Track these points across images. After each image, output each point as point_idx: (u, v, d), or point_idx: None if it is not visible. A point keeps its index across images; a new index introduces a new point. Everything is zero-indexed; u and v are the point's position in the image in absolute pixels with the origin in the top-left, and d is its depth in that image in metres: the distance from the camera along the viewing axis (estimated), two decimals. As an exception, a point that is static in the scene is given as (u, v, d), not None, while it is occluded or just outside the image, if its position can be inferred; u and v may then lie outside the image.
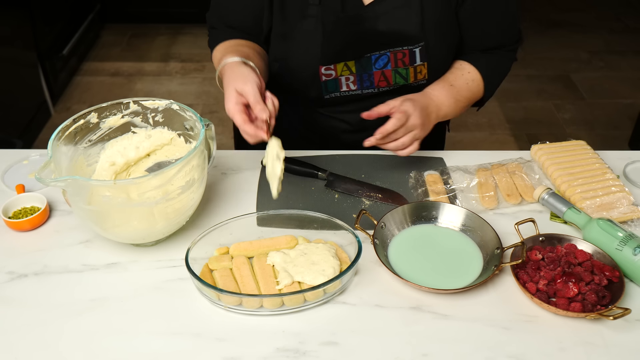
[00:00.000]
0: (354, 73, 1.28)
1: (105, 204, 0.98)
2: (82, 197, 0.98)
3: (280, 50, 1.29)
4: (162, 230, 1.06)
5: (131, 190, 0.99)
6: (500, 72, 1.38)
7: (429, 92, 1.27)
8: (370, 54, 1.26)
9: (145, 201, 0.98)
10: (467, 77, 1.32)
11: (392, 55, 1.26)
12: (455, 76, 1.32)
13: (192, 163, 1.01)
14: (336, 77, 1.28)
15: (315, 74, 1.27)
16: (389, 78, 1.29)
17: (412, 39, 1.24)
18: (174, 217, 1.04)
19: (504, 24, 1.32)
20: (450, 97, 1.28)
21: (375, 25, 1.23)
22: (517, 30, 1.35)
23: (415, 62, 1.27)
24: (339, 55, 1.25)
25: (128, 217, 1.00)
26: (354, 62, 1.26)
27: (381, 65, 1.27)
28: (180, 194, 1.01)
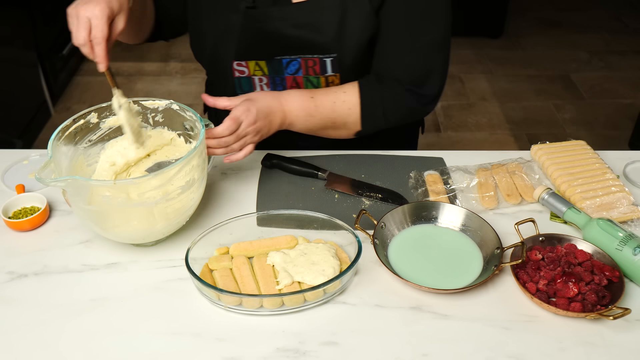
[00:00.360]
0: (267, 75, 1.26)
1: (105, 204, 0.98)
2: (82, 197, 0.98)
3: (200, 39, 1.27)
4: (162, 230, 1.06)
5: (131, 191, 0.98)
6: (391, 110, 1.25)
7: (284, 95, 1.21)
8: (280, 56, 1.23)
9: (145, 201, 0.98)
10: (339, 97, 1.23)
11: (303, 62, 1.23)
12: (326, 91, 1.24)
13: (192, 163, 1.01)
14: (249, 75, 1.26)
15: (229, 69, 1.26)
16: (300, 85, 1.26)
17: (322, 49, 1.20)
18: (174, 217, 1.04)
19: (408, 53, 1.21)
20: (304, 109, 1.21)
21: (282, 28, 1.19)
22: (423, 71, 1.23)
23: (327, 72, 1.23)
24: (249, 52, 1.23)
25: (128, 217, 1.00)
26: (265, 63, 1.24)
27: (293, 71, 1.24)
28: (180, 194, 1.01)
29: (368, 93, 1.24)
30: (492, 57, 3.80)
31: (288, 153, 1.32)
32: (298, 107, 1.21)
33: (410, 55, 1.21)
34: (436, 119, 3.20)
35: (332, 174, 1.26)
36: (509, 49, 3.90)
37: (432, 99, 1.27)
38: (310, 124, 1.24)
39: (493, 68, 3.68)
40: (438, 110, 3.26)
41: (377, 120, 1.26)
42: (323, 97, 1.23)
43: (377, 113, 1.25)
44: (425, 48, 1.21)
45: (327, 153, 1.34)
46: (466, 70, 3.65)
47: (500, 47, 3.92)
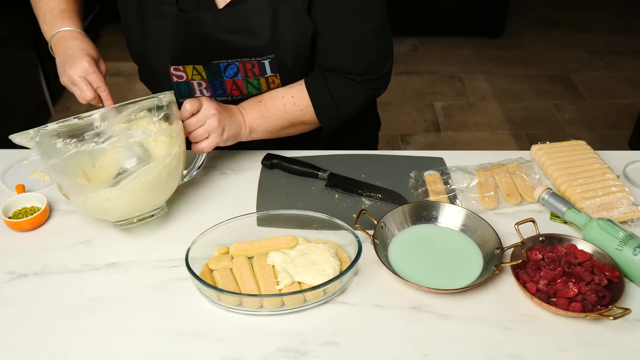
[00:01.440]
0: (205, 79, 1.25)
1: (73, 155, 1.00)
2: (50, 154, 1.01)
3: (137, 47, 1.27)
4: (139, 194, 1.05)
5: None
6: (344, 101, 1.26)
7: (238, 105, 1.25)
8: (217, 61, 1.22)
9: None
10: (288, 100, 1.24)
11: (241, 65, 1.22)
12: (273, 95, 1.25)
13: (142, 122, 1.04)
14: (187, 80, 1.26)
15: (167, 74, 1.26)
16: (241, 87, 1.26)
17: (259, 51, 1.19)
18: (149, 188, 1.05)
19: (351, 45, 1.21)
20: (257, 111, 1.24)
21: (216, 33, 1.18)
22: (370, 58, 1.23)
23: (266, 74, 1.23)
24: (185, 57, 1.22)
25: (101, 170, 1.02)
26: (203, 67, 1.23)
27: (231, 74, 1.24)
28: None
29: (316, 91, 1.25)
30: (492, 57, 3.80)
31: (288, 153, 1.32)
32: (252, 110, 1.24)
33: (355, 47, 1.21)
34: (436, 119, 3.20)
35: (332, 174, 1.26)
36: (509, 49, 3.90)
37: (384, 82, 1.29)
38: (269, 126, 1.25)
39: (493, 68, 3.68)
40: (438, 110, 3.27)
41: (331, 114, 1.27)
42: (271, 101, 1.25)
43: (330, 107, 1.26)
44: (369, 37, 1.21)
45: (327, 153, 1.34)
46: (466, 70, 3.65)
47: (500, 47, 3.92)
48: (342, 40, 1.21)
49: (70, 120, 0.99)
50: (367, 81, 1.26)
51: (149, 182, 1.04)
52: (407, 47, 3.92)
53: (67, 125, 0.99)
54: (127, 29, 1.26)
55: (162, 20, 1.19)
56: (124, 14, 1.25)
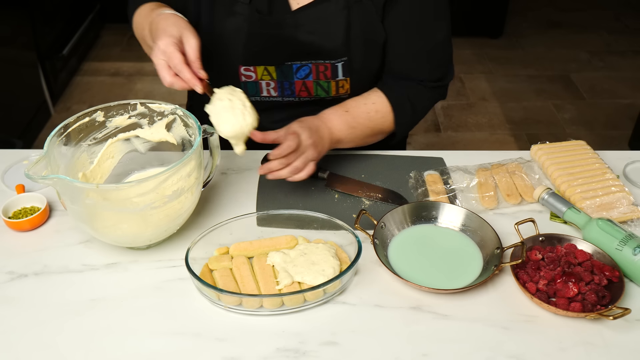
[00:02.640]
0: (275, 79, 1.26)
1: (90, 206, 0.97)
2: (69, 197, 0.97)
3: (205, 44, 1.27)
4: (152, 236, 1.05)
5: (114, 196, 0.97)
6: (420, 108, 1.30)
7: (323, 114, 1.22)
8: (291, 62, 1.23)
9: (128, 207, 0.97)
10: (370, 107, 1.25)
11: (314, 67, 1.23)
12: (356, 104, 1.26)
13: (181, 173, 0.99)
14: (256, 80, 1.26)
15: (235, 73, 1.25)
16: (310, 89, 1.27)
17: (333, 54, 1.21)
18: (163, 224, 1.03)
19: (426, 55, 1.26)
20: (344, 122, 1.23)
21: (296, 35, 1.20)
22: (444, 67, 1.29)
23: (338, 77, 1.24)
24: (258, 58, 1.22)
25: (116, 220, 0.99)
26: (274, 68, 1.24)
27: (302, 76, 1.25)
28: (167, 203, 0.99)
29: (395, 97, 1.27)
30: (492, 57, 3.80)
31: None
32: (338, 123, 1.22)
33: (428, 56, 1.27)
34: (436, 119, 3.20)
35: (332, 174, 1.26)
36: (509, 49, 3.89)
37: (447, 86, 1.35)
38: (354, 136, 1.25)
39: (493, 68, 3.68)
40: (438, 110, 3.26)
41: (408, 120, 1.30)
42: (356, 109, 1.25)
43: (408, 113, 1.29)
44: (440, 46, 1.27)
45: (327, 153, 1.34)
46: (466, 70, 3.64)
47: (500, 47, 3.92)
48: (417, 49, 1.25)
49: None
50: (437, 88, 1.31)
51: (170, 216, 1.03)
52: (407, 47, 3.91)
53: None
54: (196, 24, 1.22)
55: (234, 18, 1.20)
56: (195, 19, 1.22)
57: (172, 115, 1.14)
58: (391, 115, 1.27)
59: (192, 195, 1.05)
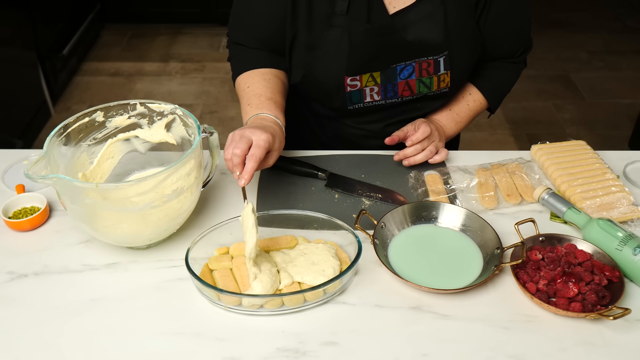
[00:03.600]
0: (379, 84, 1.27)
1: (90, 206, 0.97)
2: (68, 197, 0.97)
3: (305, 60, 1.27)
4: (151, 236, 1.05)
5: (114, 195, 0.97)
6: (506, 84, 1.44)
7: (433, 117, 1.37)
8: (396, 64, 1.25)
9: (128, 206, 0.97)
10: (468, 98, 1.40)
11: (417, 65, 1.26)
12: (455, 101, 1.39)
13: (180, 172, 0.99)
14: (361, 87, 1.27)
15: (341, 85, 1.25)
16: (412, 87, 1.29)
17: (437, 49, 1.24)
18: (163, 223, 1.03)
19: (519, 31, 1.35)
20: (451, 120, 1.38)
21: (403, 36, 1.22)
22: (529, 37, 1.39)
23: (440, 71, 1.27)
24: (365, 66, 1.24)
25: (115, 219, 0.99)
26: (380, 73, 1.26)
27: (406, 76, 1.27)
28: (167, 202, 0.99)
29: (485, 82, 1.39)
30: (492, 57, 3.80)
31: (288, 153, 1.32)
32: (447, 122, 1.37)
33: (519, 35, 1.36)
34: (436, 119, 3.20)
35: (332, 174, 1.26)
36: (509, 49, 3.89)
37: (525, 59, 1.44)
38: (461, 127, 1.41)
39: (493, 68, 3.67)
40: (438, 110, 3.26)
41: (500, 96, 1.45)
42: (458, 106, 1.39)
43: (499, 92, 1.44)
44: (527, 21, 1.36)
45: (327, 153, 1.34)
46: (466, 70, 3.64)
47: (500, 47, 3.92)
48: (511, 33, 1.34)
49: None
50: (520, 62, 1.41)
51: (170, 215, 1.03)
52: (407, 47, 3.92)
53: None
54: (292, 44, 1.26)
55: (333, 31, 1.21)
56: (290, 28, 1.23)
57: (171, 115, 1.14)
58: (484, 100, 1.41)
59: (192, 194, 1.05)
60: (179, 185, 1.00)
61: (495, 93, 1.42)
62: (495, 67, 1.40)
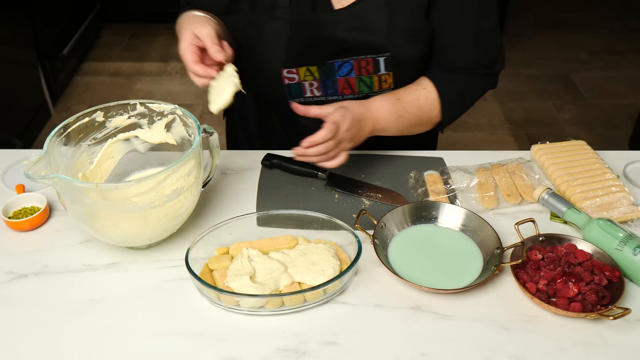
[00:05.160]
0: (317, 79, 1.25)
1: (90, 206, 0.97)
2: (68, 197, 0.97)
3: (246, 51, 1.26)
4: (151, 236, 1.05)
5: (114, 195, 0.97)
6: (468, 96, 1.31)
7: (371, 102, 1.22)
8: (332, 60, 1.23)
9: (128, 206, 0.97)
10: (420, 93, 1.25)
11: (355, 63, 1.23)
12: (407, 90, 1.25)
13: (180, 172, 0.99)
14: (299, 81, 1.25)
15: (278, 77, 1.25)
16: (353, 86, 1.26)
17: (376, 49, 1.20)
18: (163, 223, 1.03)
19: (474, 42, 1.25)
20: (393, 111, 1.22)
21: (337, 32, 1.19)
22: (493, 53, 1.29)
23: (380, 72, 1.24)
24: (300, 59, 1.22)
25: (115, 219, 0.99)
26: (317, 67, 1.24)
27: (344, 73, 1.24)
28: (167, 202, 0.99)
29: (444, 86, 1.26)
30: (492, 57, 3.80)
31: (288, 153, 1.32)
32: (387, 112, 1.22)
33: (477, 43, 1.25)
34: (436, 119, 3.20)
35: (332, 174, 1.26)
36: (509, 49, 3.89)
37: (497, 75, 1.33)
38: (401, 125, 1.25)
39: (493, 68, 3.67)
40: (438, 110, 3.26)
41: (456, 109, 1.30)
42: (407, 96, 1.25)
43: (456, 102, 1.29)
44: (489, 33, 1.25)
45: (327, 153, 1.34)
46: (466, 70, 3.64)
47: (500, 47, 3.92)
48: (466, 37, 1.24)
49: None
50: (487, 76, 1.31)
51: (170, 215, 1.03)
52: (407, 47, 3.92)
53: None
54: (239, 34, 1.25)
55: (275, 23, 1.20)
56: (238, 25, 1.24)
57: (171, 115, 1.14)
58: (437, 102, 1.26)
59: (192, 194, 1.05)
60: (179, 185, 1.00)
61: (451, 99, 1.27)
62: (460, 77, 1.28)
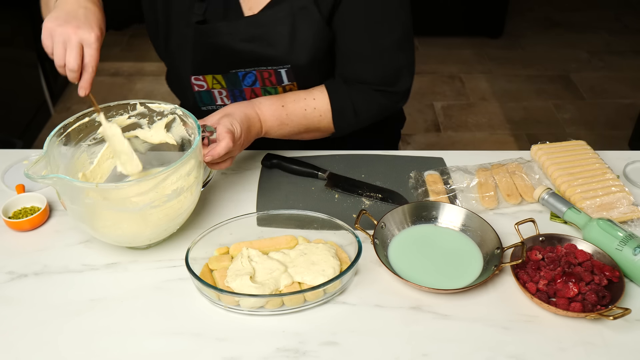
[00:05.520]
0: (225, 88, 1.26)
1: (90, 205, 0.97)
2: (68, 197, 0.97)
3: (163, 51, 1.27)
4: (151, 236, 1.05)
5: (114, 195, 0.97)
6: (364, 110, 1.26)
7: (258, 103, 1.20)
8: (235, 70, 1.22)
9: (128, 206, 0.97)
10: (309, 103, 1.23)
11: (258, 74, 1.22)
12: (295, 99, 1.23)
13: (180, 172, 0.98)
14: (208, 89, 1.25)
15: (189, 84, 1.25)
16: (259, 96, 1.26)
17: (276, 61, 1.20)
18: (163, 223, 1.02)
19: (372, 57, 1.21)
20: (276, 118, 1.21)
21: (233, 43, 1.18)
22: (391, 71, 1.23)
23: (283, 82, 1.23)
24: (205, 67, 1.22)
25: (115, 219, 0.99)
26: (222, 76, 1.24)
27: (249, 83, 1.24)
28: (167, 202, 0.99)
29: (338, 98, 1.23)
30: (492, 57, 3.80)
31: (288, 153, 1.32)
32: (271, 116, 1.21)
33: (374, 58, 1.21)
34: (436, 119, 3.20)
35: (332, 174, 1.26)
36: (509, 49, 3.90)
37: (402, 96, 1.28)
38: (284, 132, 1.24)
39: (493, 68, 3.68)
40: (438, 110, 3.27)
41: (349, 122, 1.26)
42: (293, 105, 1.22)
43: (349, 116, 1.25)
44: (388, 50, 1.21)
45: (327, 153, 1.34)
46: (466, 70, 3.65)
47: (500, 47, 3.92)
48: (362, 51, 1.20)
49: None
50: (385, 93, 1.25)
51: (170, 215, 1.03)
52: (407, 47, 3.92)
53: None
54: (155, 34, 1.26)
55: (187, 29, 1.20)
56: (149, 20, 1.25)
57: (171, 115, 1.14)
58: (330, 115, 1.24)
59: (192, 194, 1.05)
60: (179, 185, 1.00)
61: (344, 113, 1.24)
62: (358, 89, 1.24)
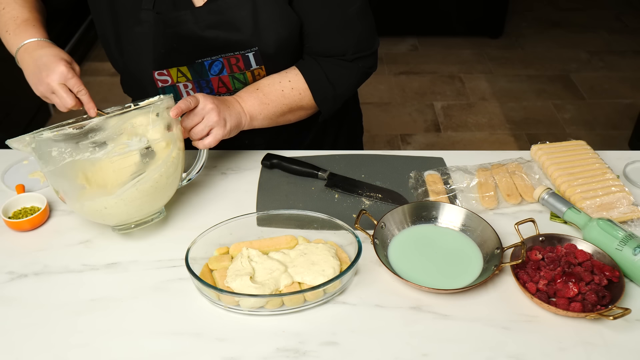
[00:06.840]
0: (191, 80, 1.24)
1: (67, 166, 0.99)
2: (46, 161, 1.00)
3: (118, 54, 1.25)
4: (130, 211, 1.05)
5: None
6: (341, 82, 1.28)
7: (237, 94, 1.24)
8: (201, 59, 1.21)
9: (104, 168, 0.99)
10: (285, 84, 1.24)
11: (225, 60, 1.21)
12: (270, 82, 1.25)
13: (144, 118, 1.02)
14: (173, 83, 1.24)
15: (151, 81, 1.24)
16: (227, 84, 1.25)
17: (242, 45, 1.19)
18: (142, 195, 1.04)
19: (338, 28, 1.23)
20: (254, 98, 1.23)
21: (197, 30, 1.17)
22: (361, 37, 1.25)
23: (252, 67, 1.23)
24: (168, 59, 1.21)
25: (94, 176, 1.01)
26: (187, 68, 1.23)
27: (217, 72, 1.23)
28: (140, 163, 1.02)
29: (312, 74, 1.25)
30: (492, 57, 3.80)
31: (288, 153, 1.32)
32: (249, 97, 1.22)
33: (342, 30, 1.23)
34: (436, 119, 3.20)
35: (332, 174, 1.26)
36: (509, 49, 3.90)
37: (374, 61, 1.31)
38: (268, 112, 1.24)
39: (493, 68, 3.68)
40: (438, 110, 3.27)
41: (328, 95, 1.28)
42: (269, 88, 1.24)
43: (327, 88, 1.27)
44: (354, 19, 1.23)
45: (327, 153, 1.34)
46: (466, 70, 3.65)
47: (500, 47, 3.92)
48: (329, 26, 1.22)
49: (65, 130, 0.98)
50: (360, 59, 1.27)
51: (145, 190, 1.04)
52: (407, 47, 3.92)
53: (62, 134, 0.98)
54: (105, 39, 1.25)
55: (140, 27, 1.18)
56: (99, 24, 1.24)
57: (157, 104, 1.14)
58: (309, 92, 1.26)
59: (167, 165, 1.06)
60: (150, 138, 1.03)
61: (321, 87, 1.26)
62: (329, 63, 1.26)
